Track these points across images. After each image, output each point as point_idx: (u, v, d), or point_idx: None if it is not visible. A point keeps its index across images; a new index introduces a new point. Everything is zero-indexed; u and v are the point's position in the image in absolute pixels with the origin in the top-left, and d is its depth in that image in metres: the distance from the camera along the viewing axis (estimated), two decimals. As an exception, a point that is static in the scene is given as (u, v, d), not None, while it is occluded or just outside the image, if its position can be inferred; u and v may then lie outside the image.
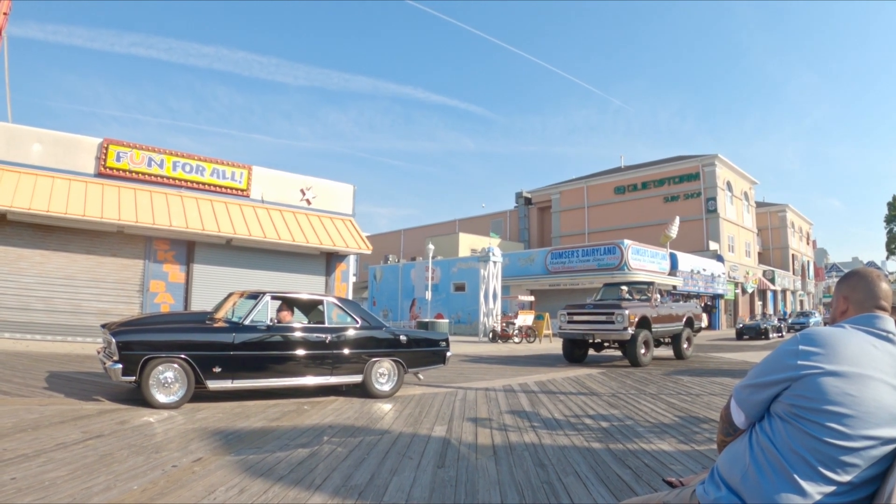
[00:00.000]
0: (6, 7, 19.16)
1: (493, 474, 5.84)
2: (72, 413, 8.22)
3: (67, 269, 19.26)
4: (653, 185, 58.14)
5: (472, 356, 21.68)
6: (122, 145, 20.58)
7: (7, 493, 4.83)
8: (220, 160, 22.28)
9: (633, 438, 7.55)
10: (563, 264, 40.70)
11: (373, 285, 53.44)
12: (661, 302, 20.07)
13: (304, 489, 5.22)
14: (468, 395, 11.38)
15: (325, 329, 10.68)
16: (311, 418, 8.64)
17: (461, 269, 43.86)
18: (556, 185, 68.29)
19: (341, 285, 24.22)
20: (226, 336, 9.64)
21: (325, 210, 24.20)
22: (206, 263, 21.47)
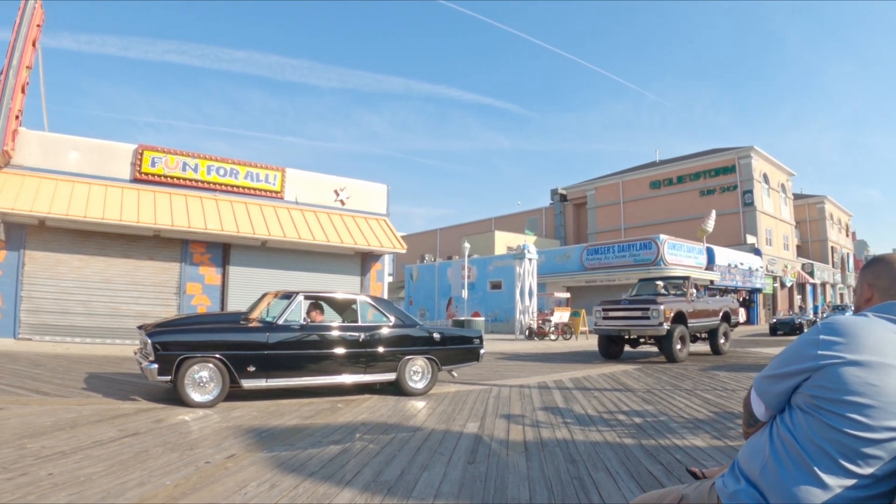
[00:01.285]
0: (39, 18, 19.54)
1: (524, 470, 5.82)
2: (109, 412, 8.34)
3: (106, 272, 19.57)
4: (688, 178, 57.59)
5: (508, 354, 21.63)
6: (156, 151, 20.84)
7: (44, 487, 4.92)
8: (253, 163, 22.46)
9: (665, 434, 7.48)
10: (599, 260, 40.48)
11: (409, 285, 53.51)
12: (697, 297, 19.84)
13: (334, 484, 5.24)
14: (502, 393, 11.35)
15: (358, 328, 10.69)
16: (345, 416, 8.67)
17: (497, 267, 43.77)
18: (592, 181, 67.92)
19: (376, 285, 24.28)
20: (260, 336, 9.72)
21: (360, 210, 24.29)
22: (242, 265, 21.65)
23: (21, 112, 18.89)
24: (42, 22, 19.98)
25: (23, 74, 18.75)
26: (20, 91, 18.62)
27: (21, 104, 18.79)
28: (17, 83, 18.43)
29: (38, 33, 19.71)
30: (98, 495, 4.79)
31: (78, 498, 4.71)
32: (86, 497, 4.73)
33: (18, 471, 5.37)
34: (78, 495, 4.76)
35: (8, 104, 17.89)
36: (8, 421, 7.49)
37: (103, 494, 4.81)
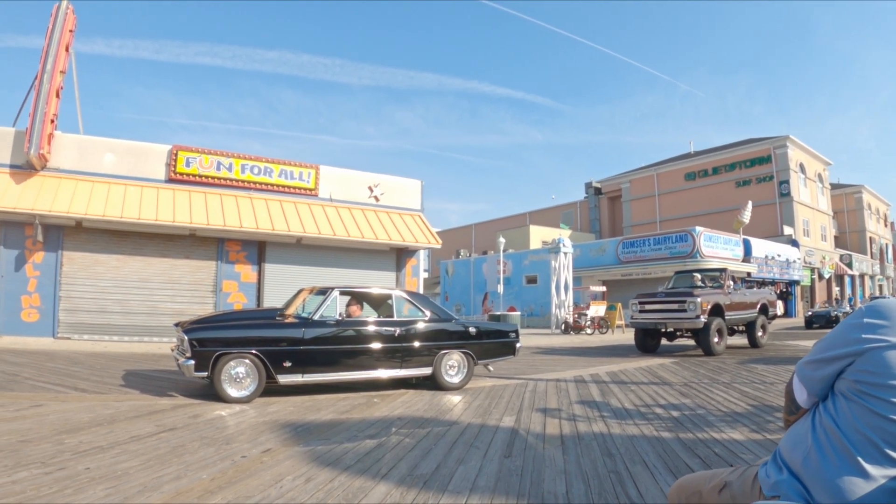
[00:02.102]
0: (72, 24, 19.78)
1: (560, 463, 5.76)
2: (146, 408, 8.40)
3: (143, 272, 19.78)
4: (724, 169, 56.92)
5: (544, 348, 21.55)
6: (190, 151, 21.00)
7: (81, 481, 4.94)
8: (287, 161, 22.53)
9: (703, 427, 7.37)
10: (635, 253, 40.19)
11: (445, 280, 53.56)
12: (734, 289, 19.54)
13: (369, 478, 5.23)
14: (538, 386, 11.27)
15: (394, 322, 10.66)
16: (381, 410, 8.66)
17: (532, 261, 43.64)
18: (626, 173, 67.48)
19: (412, 280, 24.27)
20: (296, 331, 9.72)
21: (394, 206, 24.27)
22: (277, 262, 21.75)
23: (56, 116, 19.16)
24: (74, 27, 20.21)
25: (57, 79, 19.00)
26: (55, 95, 18.88)
27: (56, 108, 19.06)
28: (52, 88, 18.70)
29: (70, 38, 19.96)
30: (135, 489, 4.80)
31: (115, 492, 4.72)
32: (123, 491, 4.75)
33: (57, 465, 5.41)
34: (115, 489, 4.78)
35: (43, 108, 18.17)
36: (47, 417, 7.56)
37: (140, 488, 4.83)
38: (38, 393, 9.44)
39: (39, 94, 18.45)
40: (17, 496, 4.58)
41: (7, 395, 9.06)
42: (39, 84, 18.66)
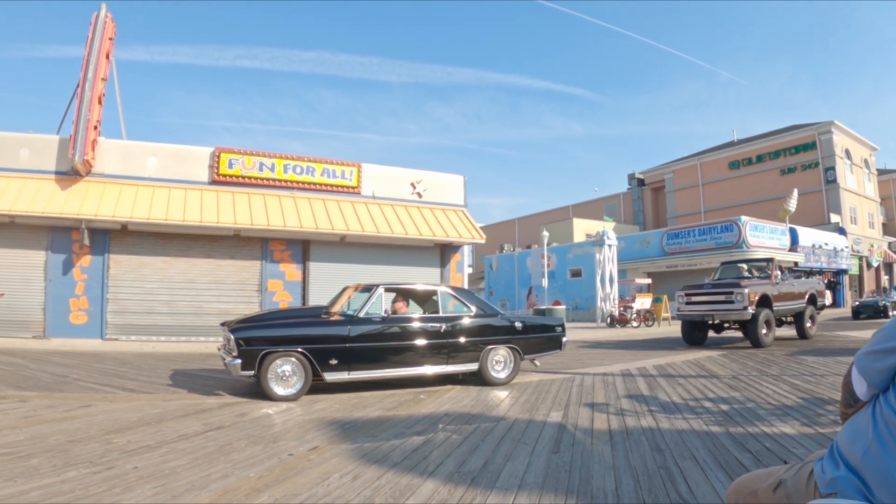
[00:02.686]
0: (111, 32, 20.04)
1: (609, 459, 5.68)
2: (194, 407, 8.44)
3: (188, 273, 19.99)
4: (768, 157, 55.91)
5: (590, 342, 21.38)
6: (233, 152, 21.14)
7: (129, 480, 4.95)
8: (329, 160, 22.57)
9: (753, 421, 7.22)
10: (680, 245, 39.73)
11: (489, 275, 53.50)
12: (781, 279, 19.16)
13: (417, 475, 5.19)
14: (585, 381, 11.16)
15: (439, 318, 10.60)
16: (427, 407, 8.61)
17: (576, 254, 43.36)
18: (669, 163, 66.64)
19: (456, 276, 24.18)
20: (341, 329, 9.70)
21: (437, 202, 24.21)
22: (322, 261, 21.81)
23: (99, 122, 19.43)
24: (114, 35, 20.48)
25: (98, 86, 19.27)
26: (97, 102, 19.16)
27: (98, 115, 19.32)
28: (94, 95, 18.97)
29: (110, 46, 20.23)
30: (182, 487, 4.80)
31: (163, 490, 4.72)
32: (170, 489, 4.75)
33: (105, 465, 5.43)
34: (163, 488, 4.78)
35: (86, 116, 18.45)
36: (96, 417, 7.61)
37: (188, 486, 4.82)
38: (87, 393, 9.54)
39: (82, 101, 18.73)
40: (67, 495, 4.59)
41: (56, 396, 9.16)
42: (81, 92, 18.94)
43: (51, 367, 12.79)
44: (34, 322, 18.46)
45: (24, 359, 14.03)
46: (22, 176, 18.71)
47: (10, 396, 9.13)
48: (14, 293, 18.38)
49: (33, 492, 4.67)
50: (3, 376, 11.19)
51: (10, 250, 18.59)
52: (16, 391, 9.64)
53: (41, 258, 18.83)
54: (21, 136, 19.46)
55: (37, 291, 18.58)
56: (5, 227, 18.51)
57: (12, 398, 8.99)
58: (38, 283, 18.57)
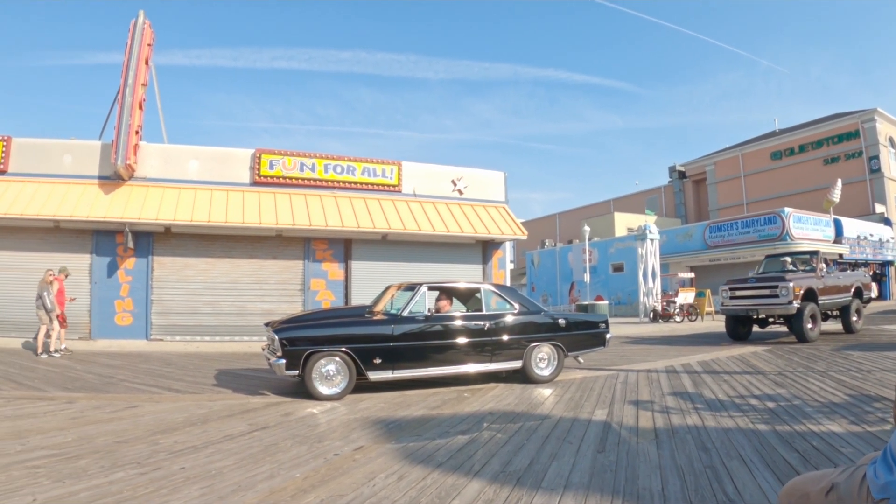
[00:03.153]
0: (150, 38, 20.28)
1: (654, 458, 5.62)
2: (239, 407, 8.48)
3: (231, 273, 20.13)
4: (810, 147, 54.66)
5: (633, 337, 21.21)
6: (273, 153, 21.25)
7: (176, 481, 4.98)
8: (369, 159, 22.61)
9: (800, 419, 7.08)
10: (722, 238, 39.16)
11: (531, 271, 53.34)
12: (826, 272, 18.81)
13: (462, 475, 5.18)
14: (629, 378, 11.07)
15: (483, 316, 10.56)
16: (471, 405, 8.57)
17: (618, 249, 43.02)
18: (710, 155, 65.61)
19: (498, 272, 24.08)
20: (385, 328, 9.71)
21: (478, 199, 24.09)
22: (364, 259, 21.83)
23: (140, 127, 19.67)
24: (153, 41, 20.72)
25: (139, 92, 19.51)
26: (138, 107, 19.38)
27: (140, 120, 19.56)
28: (135, 101, 19.19)
29: (149, 52, 20.47)
30: (229, 488, 4.82)
31: (209, 491, 4.74)
32: (217, 490, 4.76)
33: (152, 465, 5.47)
34: (209, 488, 4.80)
35: (127, 121, 18.68)
36: (142, 418, 7.68)
37: (234, 487, 4.84)
38: (133, 394, 9.64)
39: (123, 107, 18.96)
40: (115, 497, 4.62)
41: (103, 397, 9.27)
42: (122, 97, 19.17)
43: (97, 368, 12.97)
44: (80, 324, 18.72)
45: (70, 360, 14.24)
46: (66, 181, 19.01)
47: (58, 398, 9.26)
48: (60, 296, 18.65)
49: (82, 493, 4.71)
50: (51, 378, 11.35)
51: (55, 254, 18.85)
52: (63, 392, 9.77)
53: (86, 261, 19.10)
54: (64, 143, 19.78)
55: (82, 294, 18.80)
56: (51, 231, 18.82)
57: (60, 399, 9.11)
58: (83, 286, 18.83)
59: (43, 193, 18.37)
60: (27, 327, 18.08)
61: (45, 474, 5.21)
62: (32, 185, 18.68)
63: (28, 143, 19.43)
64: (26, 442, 6.38)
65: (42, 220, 17.98)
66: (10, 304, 18.36)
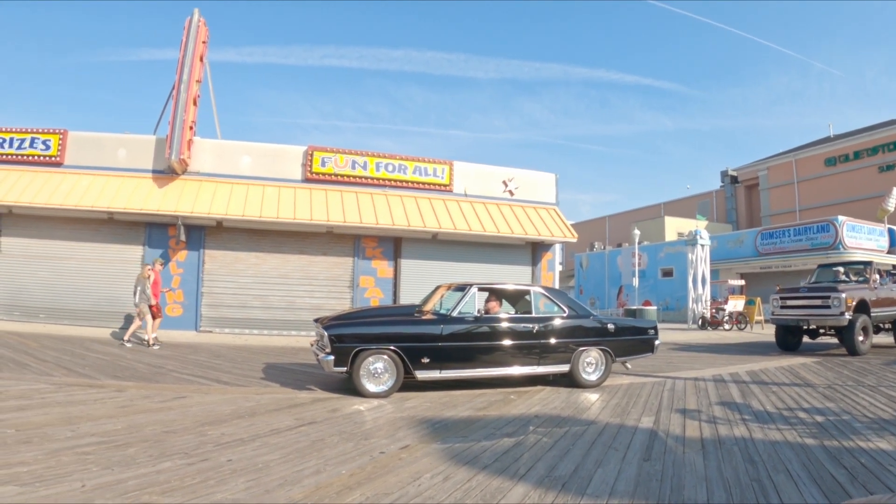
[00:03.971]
0: (204, 35, 20.55)
1: (701, 469, 5.55)
2: (286, 401, 8.52)
3: (281, 268, 20.31)
4: (865, 154, 53.19)
5: (681, 344, 20.92)
6: (325, 151, 21.38)
7: (223, 473, 5.00)
8: (421, 158, 22.64)
9: (849, 435, 6.93)
10: (774, 245, 38.53)
11: (579, 273, 53.05)
12: (880, 284, 18.36)
13: (507, 478, 5.15)
14: (676, 385, 10.94)
15: (532, 319, 10.49)
16: (518, 408, 8.53)
17: (668, 253, 42.55)
18: (763, 160, 64.45)
19: (547, 274, 23.94)
20: (434, 328, 9.68)
21: (528, 200, 23.97)
22: (413, 258, 21.88)
23: (194, 123, 19.97)
24: (207, 39, 20.97)
25: (193, 88, 19.80)
26: (192, 104, 19.68)
27: (194, 116, 19.87)
28: (189, 97, 19.49)
29: (204, 49, 20.73)
30: (275, 482, 4.84)
31: (255, 484, 4.76)
32: (264, 483, 4.78)
33: (199, 456, 5.51)
34: (255, 482, 4.82)
35: (181, 116, 18.96)
36: (190, 409, 7.75)
37: (280, 481, 4.86)
38: (182, 385, 9.75)
39: (178, 102, 19.26)
40: (162, 486, 4.66)
41: (153, 387, 9.38)
42: (177, 93, 19.48)
43: (147, 357, 13.15)
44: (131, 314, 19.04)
45: (121, 349, 14.45)
46: (120, 175, 19.40)
47: (108, 385, 9.40)
48: (112, 286, 19.04)
49: (130, 481, 4.76)
50: (101, 366, 11.55)
51: (109, 245, 19.26)
52: (113, 380, 9.92)
53: (139, 253, 19.42)
54: (119, 137, 20.20)
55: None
56: (104, 223, 19.20)
57: (110, 387, 9.25)
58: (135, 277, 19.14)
59: (97, 186, 18.74)
60: (81, 315, 18.53)
61: (94, 461, 5.28)
62: (87, 177, 19.07)
63: (84, 137, 19.87)
64: (76, 428, 6.47)
65: (96, 212, 18.34)
66: (66, 293, 18.78)
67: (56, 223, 19.05)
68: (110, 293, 18.97)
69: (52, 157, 19.33)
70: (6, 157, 19.27)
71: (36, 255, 19.09)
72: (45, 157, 19.34)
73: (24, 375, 10.01)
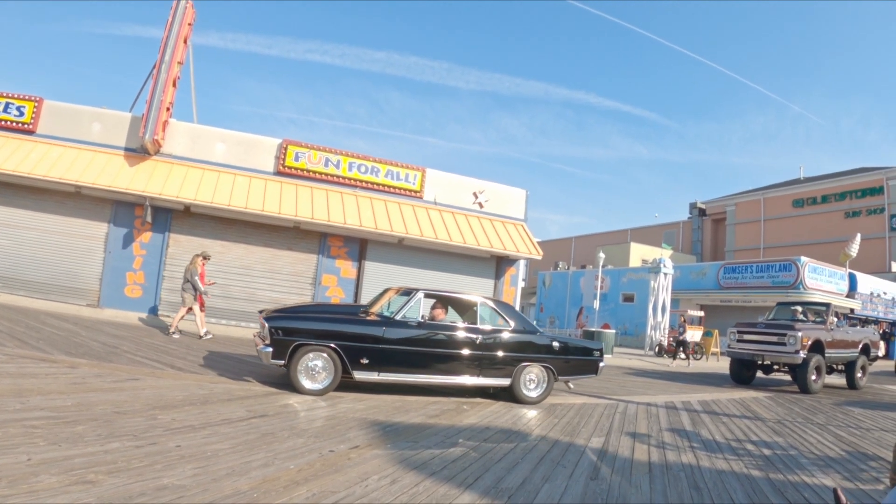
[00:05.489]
0: (191, 17, 20.45)
1: (646, 492, 5.64)
2: (240, 392, 8.52)
3: (245, 259, 20.20)
4: (833, 198, 54.30)
5: (636, 369, 21.14)
6: (300, 146, 21.33)
7: (171, 458, 5.00)
8: (394, 162, 22.65)
9: (795, 469, 7.09)
10: (736, 280, 39.01)
11: (541, 291, 53.25)
12: (836, 326, 18.70)
13: (454, 486, 5.20)
14: (629, 409, 11.06)
15: (475, 330, 10.47)
16: (469, 418, 8.57)
17: (631, 279, 42.91)
18: (732, 196, 65.38)
19: (510, 289, 24.05)
20: (376, 329, 9.68)
21: (497, 214, 24.08)
22: (377, 261, 21.87)
23: (172, 104, 19.81)
24: (193, 21, 20.87)
25: (174, 69, 19.66)
26: (171, 85, 19.53)
27: (172, 97, 19.71)
28: (169, 77, 19.34)
29: (189, 31, 20.62)
30: (223, 471, 4.84)
31: (203, 472, 4.76)
32: (211, 472, 4.78)
33: (148, 440, 5.49)
34: (203, 469, 4.82)
35: (160, 97, 18.82)
36: (142, 391, 7.71)
37: (228, 471, 4.86)
38: (136, 367, 9.68)
39: (157, 82, 19.12)
40: (108, 465, 4.65)
41: (106, 366, 9.31)
42: (157, 73, 19.33)
43: (102, 336, 13.02)
44: (90, 291, 18.85)
45: (76, 325, 14.31)
46: (92, 149, 19.17)
47: (61, 361, 9.31)
48: (73, 261, 18.83)
49: (77, 458, 4.74)
50: (56, 341, 11.41)
51: (74, 219, 19.02)
52: (66, 356, 9.82)
53: (103, 230, 19.20)
54: (95, 111, 19.95)
55: (96, 262, 18.96)
56: (70, 196, 18.94)
57: (62, 363, 9.17)
58: (97, 254, 18.95)
59: (68, 158, 18.50)
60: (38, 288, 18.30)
61: (41, 435, 5.25)
62: (58, 148, 18.82)
63: (59, 107, 19.57)
64: (26, 401, 6.42)
65: (64, 184, 18.08)
66: (25, 264, 18.52)
67: (21, 192, 18.73)
68: (70, 268, 18.73)
69: (25, 123, 19.03)
70: (-23, 119, 18.99)
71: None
72: (17, 123, 19.04)
73: (-26, 344, 9.90)
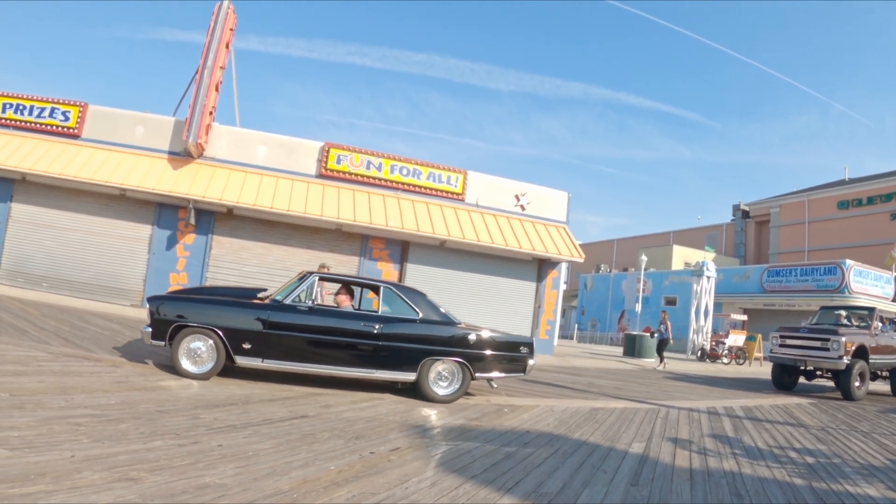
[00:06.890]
0: (232, 22, 20.69)
1: (687, 499, 5.51)
2: (281, 393, 8.55)
3: (286, 261, 20.42)
4: (879, 200, 53.04)
5: (678, 374, 20.99)
6: (342, 149, 21.46)
7: (212, 458, 5.01)
8: (436, 164, 22.69)
9: (838, 478, 6.89)
10: (780, 283, 38.49)
11: (583, 294, 53.00)
12: (881, 331, 18.34)
13: (494, 489, 5.13)
14: (671, 414, 10.91)
15: (374, 317, 9.82)
16: (510, 421, 8.54)
17: (673, 282, 42.56)
18: (776, 197, 64.28)
19: (552, 292, 23.93)
20: (260, 313, 9.23)
21: (539, 216, 24.01)
22: (419, 263, 21.92)
23: (215, 108, 20.19)
24: (235, 26, 21.14)
25: (216, 74, 20.02)
26: (214, 89, 19.89)
27: (215, 101, 20.11)
28: (212, 82, 19.69)
29: (231, 36, 20.91)
30: (264, 471, 4.84)
31: (244, 471, 4.75)
32: (252, 471, 4.77)
33: (191, 438, 5.52)
34: (244, 469, 4.82)
35: (203, 101, 19.15)
36: (186, 391, 7.79)
37: (269, 471, 4.85)
38: (180, 368, 9.73)
39: (200, 87, 19.46)
40: (151, 463, 4.66)
41: (149, 367, 9.38)
42: (200, 78, 19.66)
43: (146, 337, 13.14)
44: (134, 291, 19.18)
45: (120, 325, 14.52)
46: (136, 153, 19.61)
47: (105, 360, 9.44)
48: (117, 262, 19.22)
49: (119, 455, 4.76)
50: (100, 340, 11.59)
51: (118, 221, 19.40)
52: (109, 356, 9.94)
53: (147, 232, 19.56)
54: (138, 115, 20.38)
55: (140, 263, 19.30)
56: (115, 199, 19.31)
57: (106, 362, 9.28)
58: (141, 256, 19.27)
59: (113, 161, 18.86)
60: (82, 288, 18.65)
61: (85, 432, 5.28)
62: (103, 152, 19.22)
63: (103, 112, 20.02)
64: (70, 399, 6.50)
65: (109, 188, 18.47)
66: (70, 265, 18.89)
67: (67, 194, 19.16)
68: (113, 269, 19.17)
69: (71, 128, 19.48)
70: (25, 124, 19.43)
71: (44, 225, 19.22)
72: (63, 127, 19.48)
73: (22, 342, 10.08)
